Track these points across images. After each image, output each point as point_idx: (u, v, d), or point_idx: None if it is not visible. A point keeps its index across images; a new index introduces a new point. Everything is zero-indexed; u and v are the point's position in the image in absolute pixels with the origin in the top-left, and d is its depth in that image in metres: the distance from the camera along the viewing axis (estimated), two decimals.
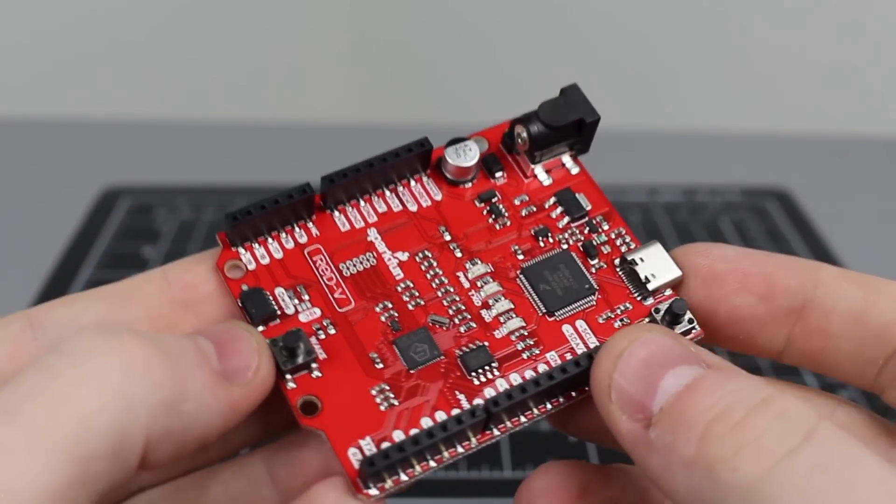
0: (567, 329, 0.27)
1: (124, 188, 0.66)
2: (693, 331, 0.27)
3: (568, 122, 0.28)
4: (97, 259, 0.59)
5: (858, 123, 0.75)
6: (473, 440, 0.25)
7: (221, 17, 0.78)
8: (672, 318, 0.26)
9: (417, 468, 0.24)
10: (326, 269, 0.27)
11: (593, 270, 0.28)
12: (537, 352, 0.26)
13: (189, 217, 0.63)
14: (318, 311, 0.26)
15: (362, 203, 0.28)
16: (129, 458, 0.21)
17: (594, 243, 0.28)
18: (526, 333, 0.27)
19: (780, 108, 0.79)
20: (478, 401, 0.25)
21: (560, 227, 0.29)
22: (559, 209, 0.29)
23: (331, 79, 0.80)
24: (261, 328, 0.26)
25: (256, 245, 0.27)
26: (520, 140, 0.28)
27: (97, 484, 0.20)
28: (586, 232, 0.28)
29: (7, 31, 0.76)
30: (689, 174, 0.70)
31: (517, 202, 0.29)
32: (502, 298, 0.27)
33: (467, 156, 0.28)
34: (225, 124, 0.74)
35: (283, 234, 0.27)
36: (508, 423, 0.25)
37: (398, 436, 0.24)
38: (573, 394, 0.26)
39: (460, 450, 0.25)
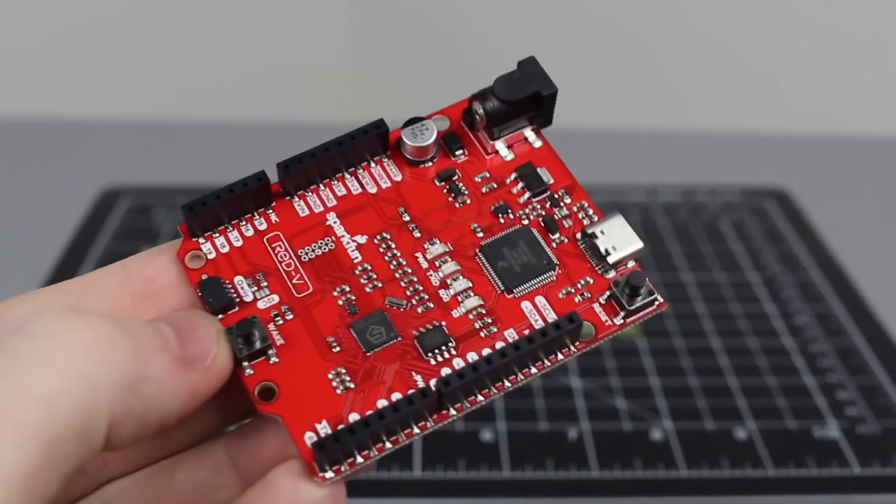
0: (526, 306, 0.26)
1: (124, 188, 0.67)
2: (655, 303, 0.26)
3: (524, 97, 0.28)
4: (97, 259, 0.60)
5: (858, 123, 0.75)
6: (429, 421, 0.24)
7: (221, 18, 0.78)
8: (631, 291, 0.26)
9: (373, 450, 0.24)
10: (285, 256, 0.27)
11: (554, 245, 0.27)
12: (495, 329, 0.26)
13: None
14: (276, 298, 0.26)
15: (322, 188, 0.28)
16: (94, 439, 0.21)
17: (555, 218, 0.28)
18: (484, 312, 0.26)
19: (779, 108, 0.79)
20: (433, 381, 0.25)
21: (521, 202, 0.28)
22: (520, 184, 0.28)
23: (331, 79, 0.80)
24: (220, 316, 0.26)
25: (217, 234, 0.27)
26: (477, 116, 0.28)
27: (65, 465, 0.20)
28: (547, 206, 0.28)
29: (7, 31, 0.77)
30: (689, 174, 0.69)
31: (478, 179, 0.28)
32: (461, 277, 0.27)
33: (424, 135, 0.28)
34: (225, 124, 0.74)
35: (244, 223, 0.27)
36: (465, 403, 0.25)
37: (354, 418, 0.24)
38: (532, 370, 0.25)
39: (416, 431, 0.24)
